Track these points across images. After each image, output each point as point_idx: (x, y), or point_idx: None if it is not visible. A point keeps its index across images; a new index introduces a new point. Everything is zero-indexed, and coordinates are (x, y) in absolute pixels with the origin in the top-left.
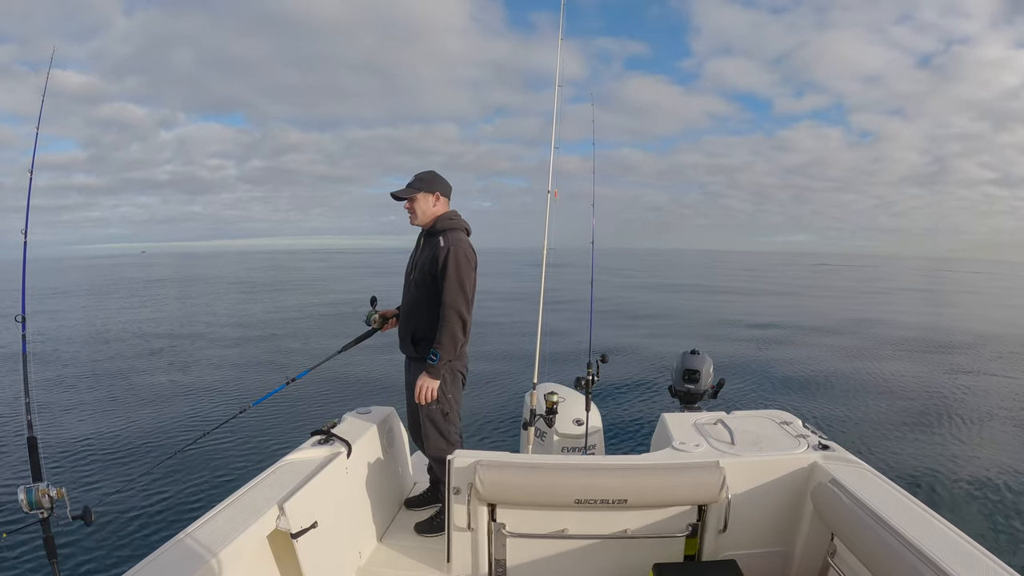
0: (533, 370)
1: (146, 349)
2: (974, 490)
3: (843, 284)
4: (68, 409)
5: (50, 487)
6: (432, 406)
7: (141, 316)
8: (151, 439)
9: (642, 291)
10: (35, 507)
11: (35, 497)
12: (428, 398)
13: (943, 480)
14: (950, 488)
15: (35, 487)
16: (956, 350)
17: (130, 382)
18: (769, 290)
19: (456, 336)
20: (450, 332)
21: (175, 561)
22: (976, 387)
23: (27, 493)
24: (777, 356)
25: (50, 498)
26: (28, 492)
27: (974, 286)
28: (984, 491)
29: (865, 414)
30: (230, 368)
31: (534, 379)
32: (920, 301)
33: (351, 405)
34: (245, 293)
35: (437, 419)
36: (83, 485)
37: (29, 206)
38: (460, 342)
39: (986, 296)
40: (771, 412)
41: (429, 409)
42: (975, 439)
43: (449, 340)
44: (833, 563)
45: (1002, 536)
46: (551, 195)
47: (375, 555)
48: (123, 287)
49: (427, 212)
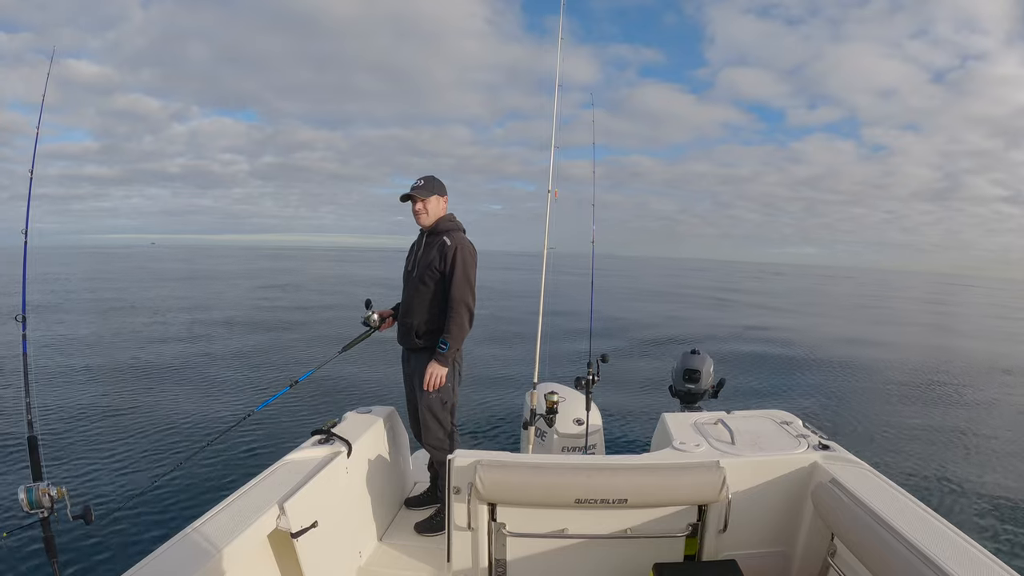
0: (533, 370)
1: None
2: (974, 490)
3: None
4: (68, 409)
5: (50, 487)
6: (434, 395)
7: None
8: (152, 438)
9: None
10: (35, 507)
11: (35, 497)
12: (437, 384)
13: (943, 480)
14: (950, 488)
15: (35, 487)
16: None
17: (131, 381)
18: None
19: (464, 327)
20: (459, 323)
21: (175, 560)
22: (977, 387)
23: (27, 493)
24: (777, 356)
25: (50, 498)
26: (28, 492)
27: (982, 302)
28: (984, 491)
29: (865, 414)
30: (235, 366)
31: (534, 379)
32: (925, 313)
33: (352, 404)
34: (255, 289)
35: (436, 408)
36: (83, 485)
37: (29, 207)
38: (467, 332)
39: (991, 312)
40: (771, 412)
41: (430, 398)
42: (975, 439)
43: (458, 330)
44: (833, 563)
45: (1002, 536)
46: (551, 194)
47: (375, 554)
48: (131, 279)
49: (435, 213)
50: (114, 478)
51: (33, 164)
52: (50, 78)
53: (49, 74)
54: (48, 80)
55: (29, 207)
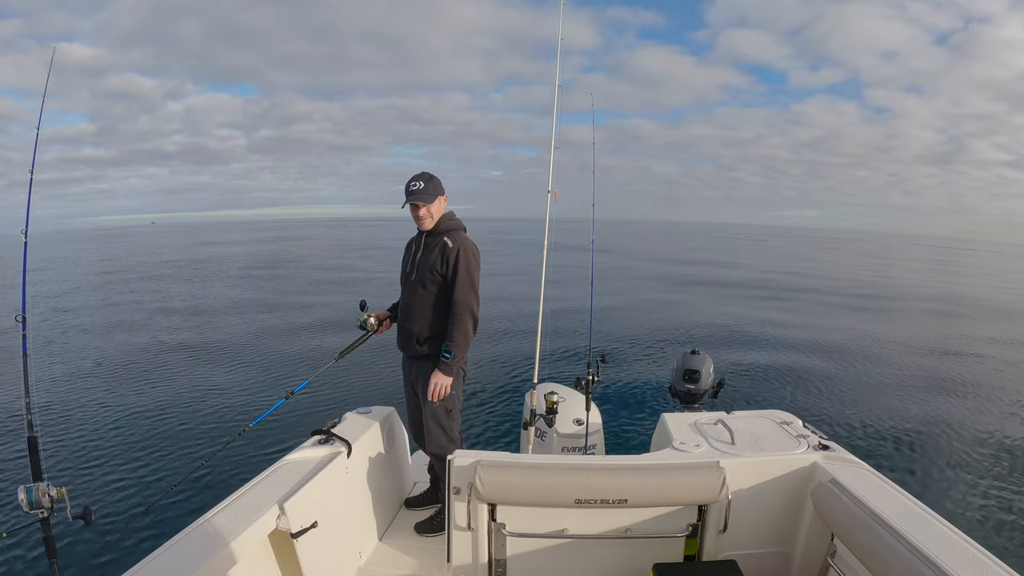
0: (533, 370)
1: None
2: (974, 490)
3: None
4: (68, 409)
5: (50, 487)
6: (438, 404)
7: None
8: (152, 439)
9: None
10: (35, 507)
11: (35, 497)
12: (442, 395)
13: (943, 480)
14: (950, 488)
15: (35, 487)
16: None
17: (131, 380)
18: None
19: (469, 334)
20: (463, 330)
21: (175, 560)
22: (977, 387)
23: (27, 493)
24: (777, 356)
25: (50, 498)
26: (28, 492)
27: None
28: (985, 491)
29: (865, 414)
30: (236, 365)
31: (534, 379)
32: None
33: (351, 405)
34: (256, 277)
35: (440, 416)
36: (83, 485)
37: (29, 209)
38: (471, 339)
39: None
40: (771, 412)
41: (433, 407)
42: (976, 439)
43: (462, 338)
44: (833, 563)
45: (1002, 536)
46: (551, 195)
47: (375, 555)
48: (130, 265)
49: (438, 215)
50: (114, 478)
51: (33, 165)
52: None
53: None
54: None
55: (29, 207)
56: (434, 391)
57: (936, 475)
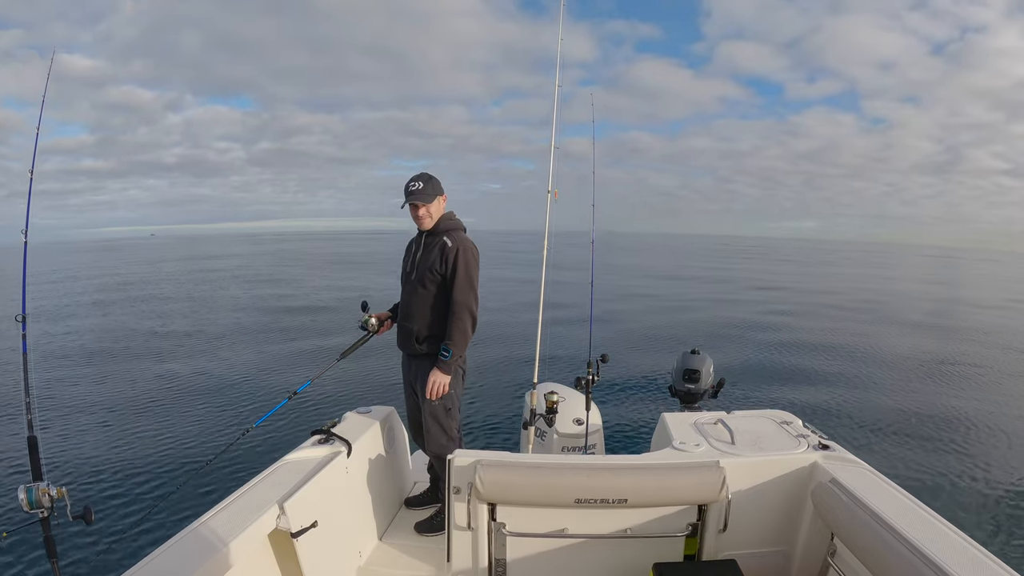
0: (533, 370)
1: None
2: (975, 490)
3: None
4: (68, 408)
5: (50, 486)
6: (437, 402)
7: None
8: (152, 439)
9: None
10: (35, 506)
11: (35, 496)
12: (440, 393)
13: (943, 480)
14: (950, 488)
15: (35, 486)
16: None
17: (132, 380)
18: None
19: (467, 332)
20: (462, 328)
21: (175, 560)
22: (977, 387)
23: (27, 492)
24: (777, 356)
25: (50, 497)
26: (28, 491)
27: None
28: (985, 491)
29: (865, 414)
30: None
31: (534, 379)
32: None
33: (351, 404)
34: (256, 283)
35: (440, 415)
36: (83, 485)
37: (29, 207)
38: (470, 337)
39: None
40: (771, 412)
41: (432, 405)
42: (976, 439)
43: (461, 336)
44: (833, 563)
45: (1002, 536)
46: (551, 195)
47: (375, 554)
48: (130, 273)
49: (437, 215)
50: (114, 478)
51: (33, 165)
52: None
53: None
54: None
55: (29, 208)
56: (432, 389)
57: (936, 475)
